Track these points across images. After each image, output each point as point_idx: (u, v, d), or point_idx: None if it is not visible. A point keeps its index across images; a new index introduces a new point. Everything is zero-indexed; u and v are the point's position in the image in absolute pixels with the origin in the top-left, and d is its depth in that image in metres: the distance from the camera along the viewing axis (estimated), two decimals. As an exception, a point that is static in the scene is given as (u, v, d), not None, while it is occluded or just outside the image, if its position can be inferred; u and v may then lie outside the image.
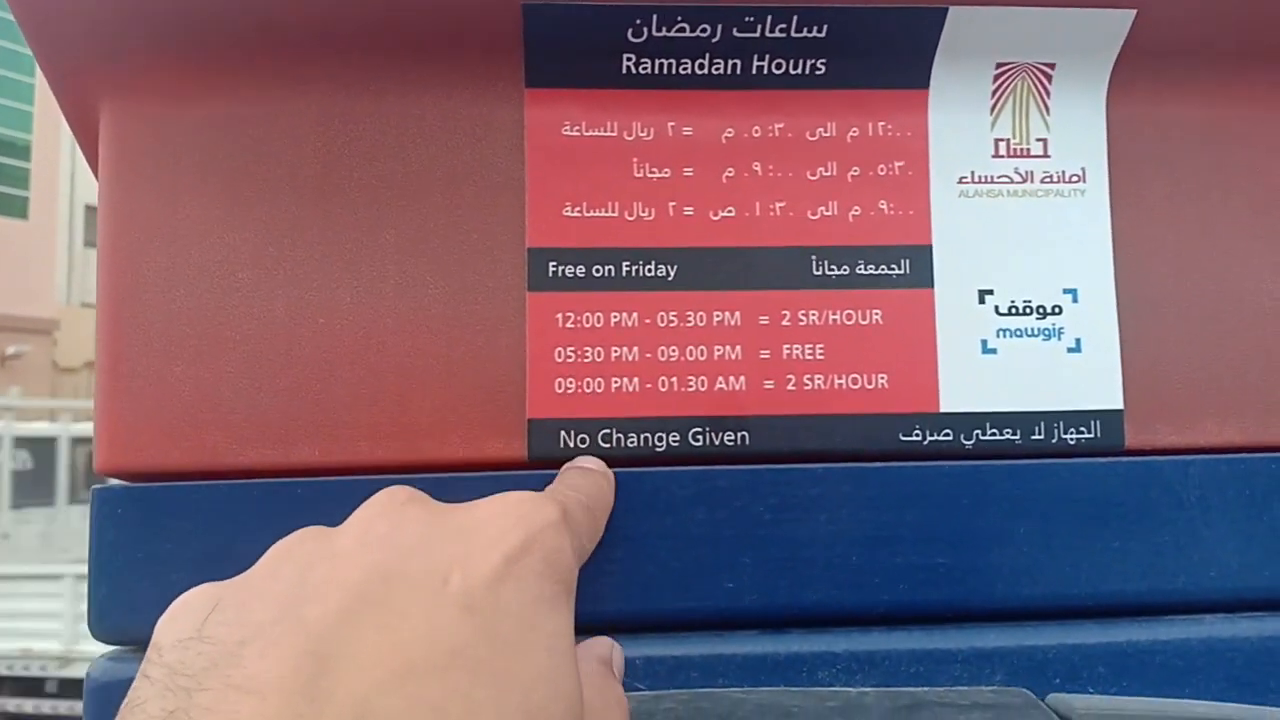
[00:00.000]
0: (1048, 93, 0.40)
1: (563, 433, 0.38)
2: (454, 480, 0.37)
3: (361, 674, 0.22)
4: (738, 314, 0.39)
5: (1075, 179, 0.40)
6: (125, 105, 0.37)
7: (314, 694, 0.22)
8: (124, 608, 0.37)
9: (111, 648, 0.37)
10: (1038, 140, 0.40)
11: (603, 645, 0.32)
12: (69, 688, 4.50)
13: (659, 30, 0.37)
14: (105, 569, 0.36)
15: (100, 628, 0.37)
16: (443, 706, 0.22)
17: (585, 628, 0.36)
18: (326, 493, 0.37)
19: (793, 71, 0.39)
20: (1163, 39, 0.39)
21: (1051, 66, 0.39)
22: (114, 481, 0.38)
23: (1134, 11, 0.38)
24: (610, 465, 0.37)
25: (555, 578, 0.27)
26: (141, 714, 0.22)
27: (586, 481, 0.35)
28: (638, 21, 0.37)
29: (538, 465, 0.38)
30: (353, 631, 0.23)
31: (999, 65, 0.39)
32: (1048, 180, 0.40)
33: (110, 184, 0.37)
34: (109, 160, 0.37)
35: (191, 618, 0.24)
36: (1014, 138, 0.40)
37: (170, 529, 0.36)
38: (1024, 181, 0.40)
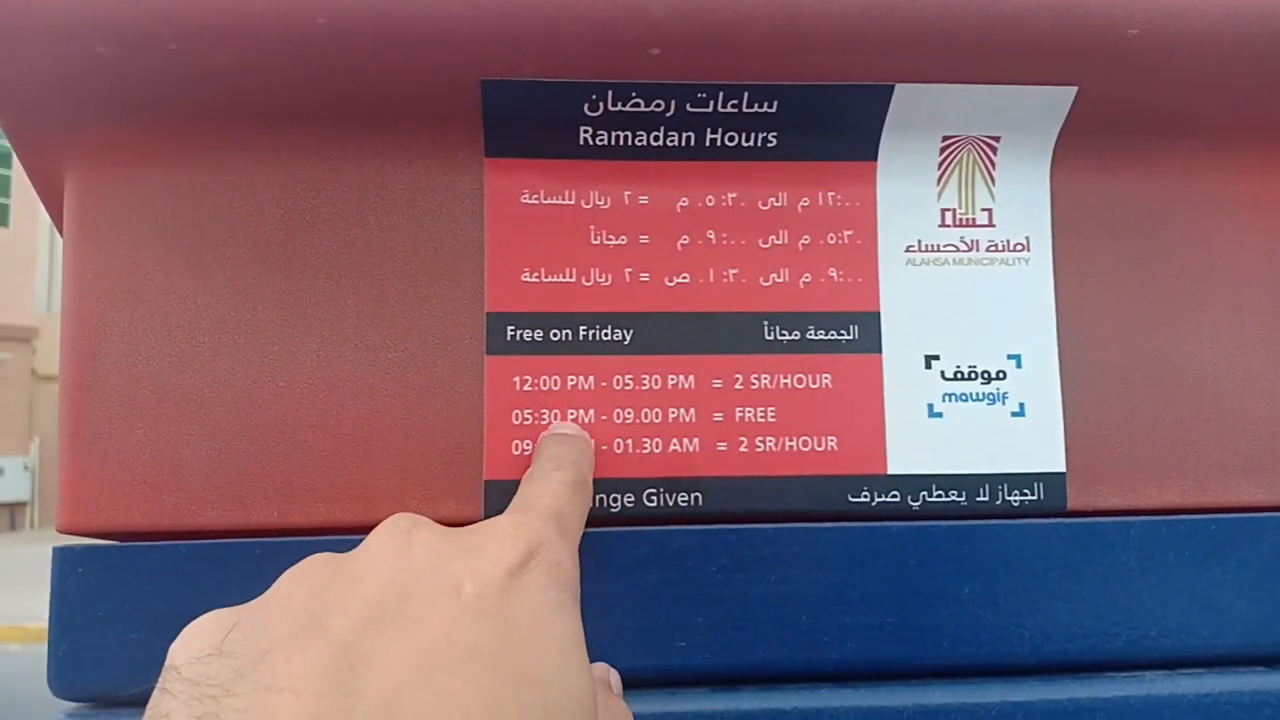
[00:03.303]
0: (993, 164, 0.41)
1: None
2: (411, 541, 0.37)
3: (389, 673, 0.23)
4: (692, 377, 0.40)
5: (1020, 248, 0.41)
6: (89, 172, 0.38)
7: (347, 689, 0.22)
8: (84, 666, 0.37)
9: (71, 704, 0.38)
10: (983, 210, 0.41)
11: (600, 667, 0.34)
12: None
13: (614, 105, 0.38)
14: (65, 627, 0.37)
15: (60, 685, 0.37)
16: (467, 698, 0.23)
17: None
18: (285, 553, 0.37)
19: (745, 144, 0.40)
20: (1103, 114, 0.40)
21: (996, 139, 0.41)
22: (76, 540, 0.38)
23: (1075, 89, 0.39)
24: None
25: (560, 585, 0.28)
26: None
27: (567, 449, 0.36)
28: (594, 97, 0.38)
29: (494, 526, 0.38)
30: (376, 637, 0.24)
31: (945, 138, 0.41)
32: (993, 249, 0.41)
33: (75, 248, 0.38)
34: (73, 225, 0.38)
35: (209, 637, 0.25)
36: (960, 208, 0.41)
37: (130, 588, 0.37)
38: (969, 250, 0.41)
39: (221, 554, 0.37)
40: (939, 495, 0.40)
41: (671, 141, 0.40)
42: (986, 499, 0.40)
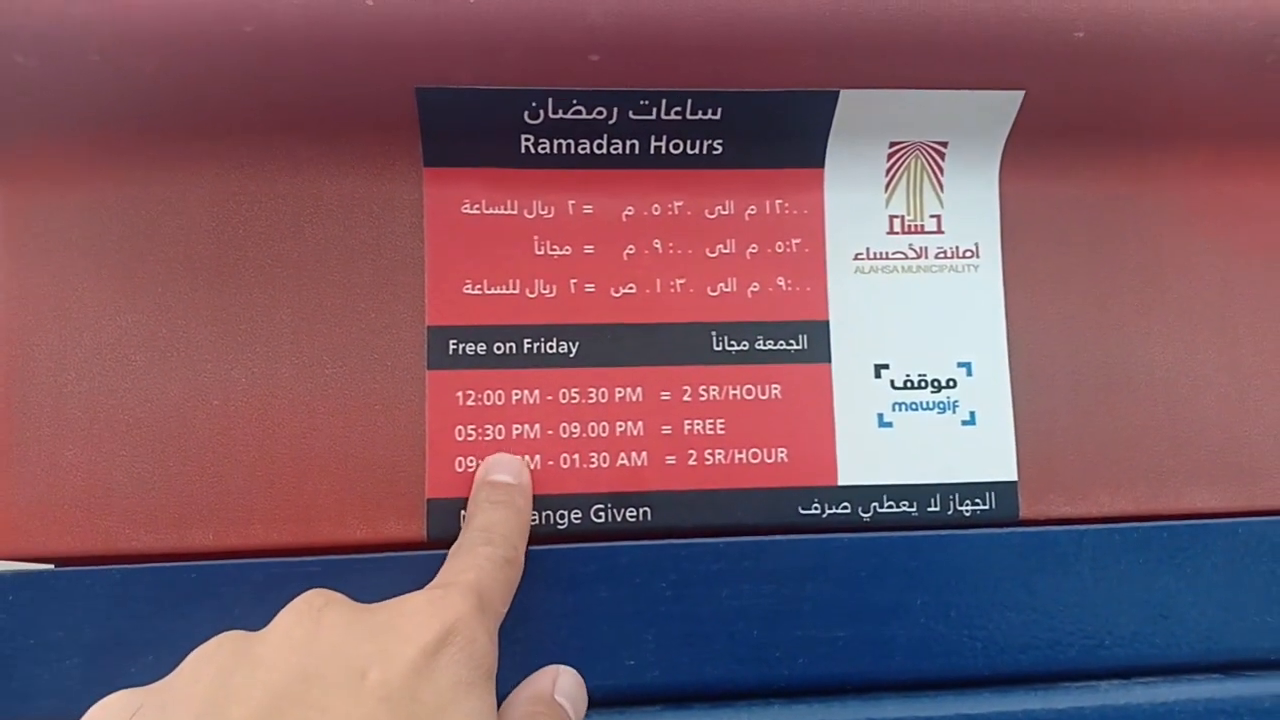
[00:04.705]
0: (941, 170, 0.41)
1: (462, 512, 0.38)
2: (351, 562, 0.37)
3: None
4: (639, 390, 0.39)
5: (969, 254, 0.41)
6: (16, 189, 0.37)
7: None
8: (15, 694, 0.36)
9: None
10: (931, 217, 0.41)
11: (543, 679, 0.33)
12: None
13: (555, 113, 0.37)
14: (-4, 655, 0.36)
15: None
16: None
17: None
18: (221, 576, 0.36)
19: (690, 151, 0.39)
20: (1051, 118, 0.40)
21: (944, 145, 0.40)
22: (6, 566, 0.37)
23: (1022, 93, 0.39)
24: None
25: (473, 664, 0.27)
26: None
27: (499, 519, 0.35)
28: (533, 104, 0.37)
29: (437, 545, 0.37)
30: None
31: (892, 144, 0.40)
32: (941, 256, 0.41)
33: (1, 266, 0.37)
34: (0, 242, 0.37)
35: None
36: (908, 214, 0.41)
37: (64, 614, 0.36)
38: (918, 257, 0.41)
39: (157, 578, 0.36)
40: (890, 506, 0.40)
41: (615, 149, 0.39)
42: (938, 509, 0.40)
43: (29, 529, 0.36)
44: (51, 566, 0.37)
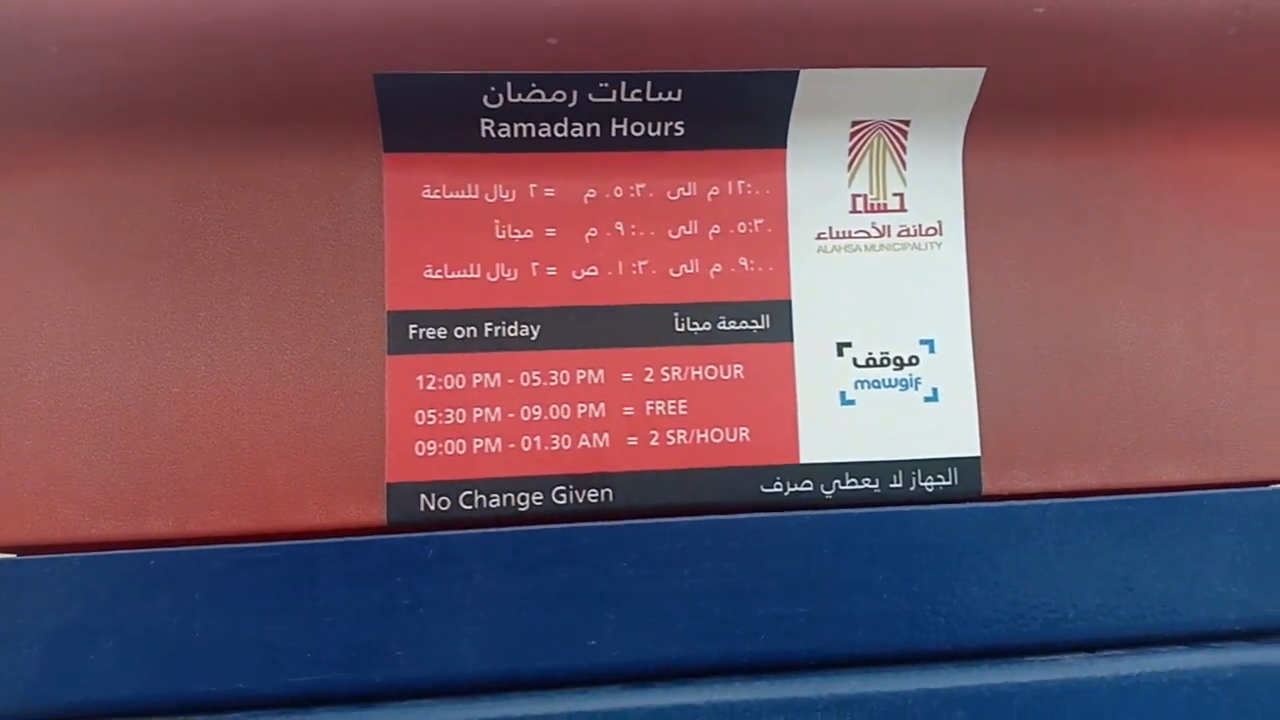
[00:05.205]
0: (903, 148, 0.40)
1: (423, 496, 0.38)
2: (311, 547, 0.37)
3: None
4: (601, 372, 0.39)
5: (932, 232, 0.41)
6: (-31, 179, 0.37)
7: None
8: (-21, 682, 0.36)
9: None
10: (894, 195, 0.41)
11: None
12: None
13: (514, 96, 0.37)
14: (-39, 643, 0.36)
15: None
16: None
17: (450, 690, 0.36)
18: (180, 563, 0.37)
19: (651, 133, 0.39)
20: (1014, 94, 0.40)
21: (906, 123, 0.40)
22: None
23: (983, 70, 0.39)
24: (473, 526, 0.38)
25: None
26: None
27: None
28: (492, 89, 0.37)
29: (397, 529, 0.38)
30: None
31: (854, 123, 0.40)
32: (904, 234, 0.41)
33: (-43, 258, 0.37)
34: (-45, 234, 0.37)
35: None
36: (871, 193, 0.41)
37: (25, 603, 0.36)
38: (881, 236, 0.40)
39: (117, 565, 0.36)
40: (852, 483, 0.40)
41: (576, 132, 0.39)
42: (900, 485, 0.40)
43: (-8, 518, 0.36)
44: (12, 556, 0.37)
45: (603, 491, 0.39)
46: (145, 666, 0.36)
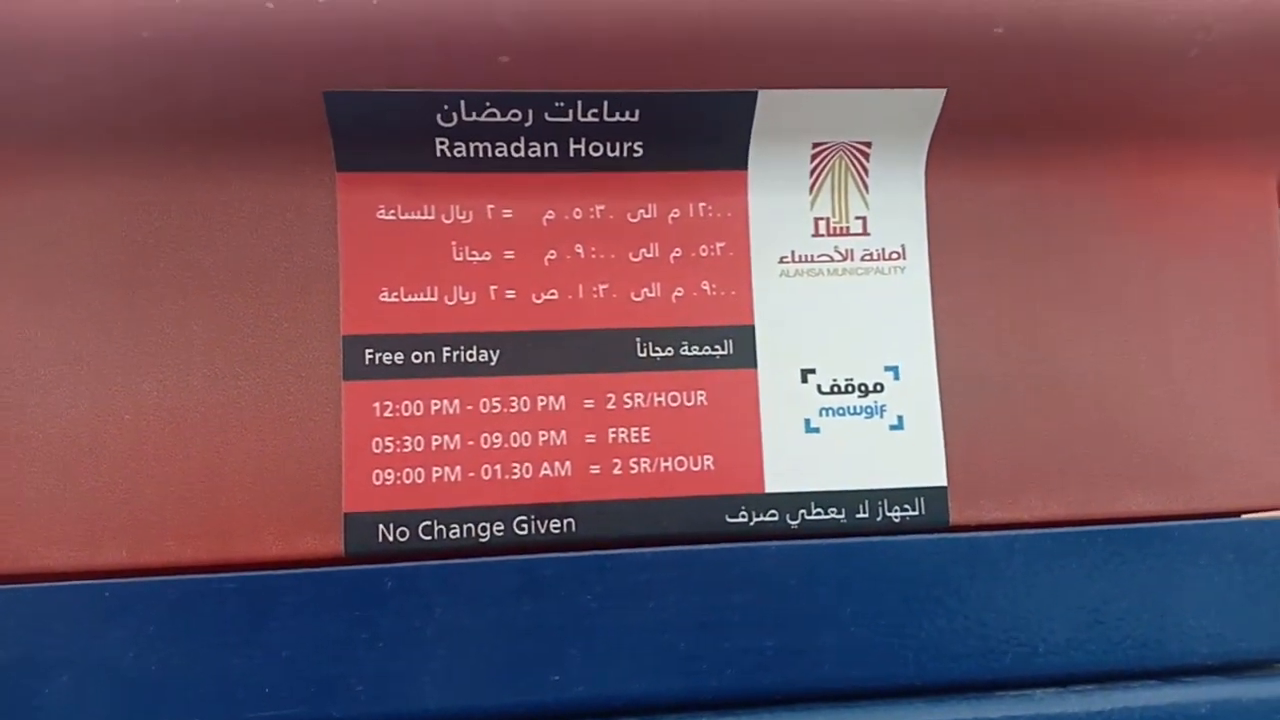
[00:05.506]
0: (866, 171, 0.40)
1: (381, 526, 0.37)
2: (268, 578, 0.36)
3: None
4: (562, 398, 0.38)
5: (895, 256, 0.40)
6: (-87, 201, 0.36)
7: None
8: (-78, 719, 0.35)
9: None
10: (857, 218, 0.40)
11: None
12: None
13: (469, 115, 0.37)
14: (-98, 679, 0.35)
15: None
16: None
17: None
18: (135, 594, 0.35)
19: (610, 154, 0.39)
20: (976, 116, 0.40)
21: (868, 145, 0.40)
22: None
23: (944, 91, 0.39)
24: (432, 557, 0.37)
25: None
26: None
27: None
28: (445, 107, 0.36)
29: (354, 561, 0.37)
30: None
31: (815, 145, 0.40)
32: (868, 258, 0.40)
33: (-101, 281, 0.36)
34: (-105, 257, 0.36)
35: None
36: (834, 216, 0.40)
37: (-32, 636, 0.35)
38: (844, 260, 0.40)
39: (69, 596, 0.35)
40: (818, 513, 0.39)
41: (534, 152, 0.38)
42: (866, 515, 0.39)
43: (-68, 549, 0.35)
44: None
45: (565, 521, 0.38)
46: (100, 700, 0.35)
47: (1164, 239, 0.42)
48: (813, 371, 0.40)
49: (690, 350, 0.39)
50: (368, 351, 0.38)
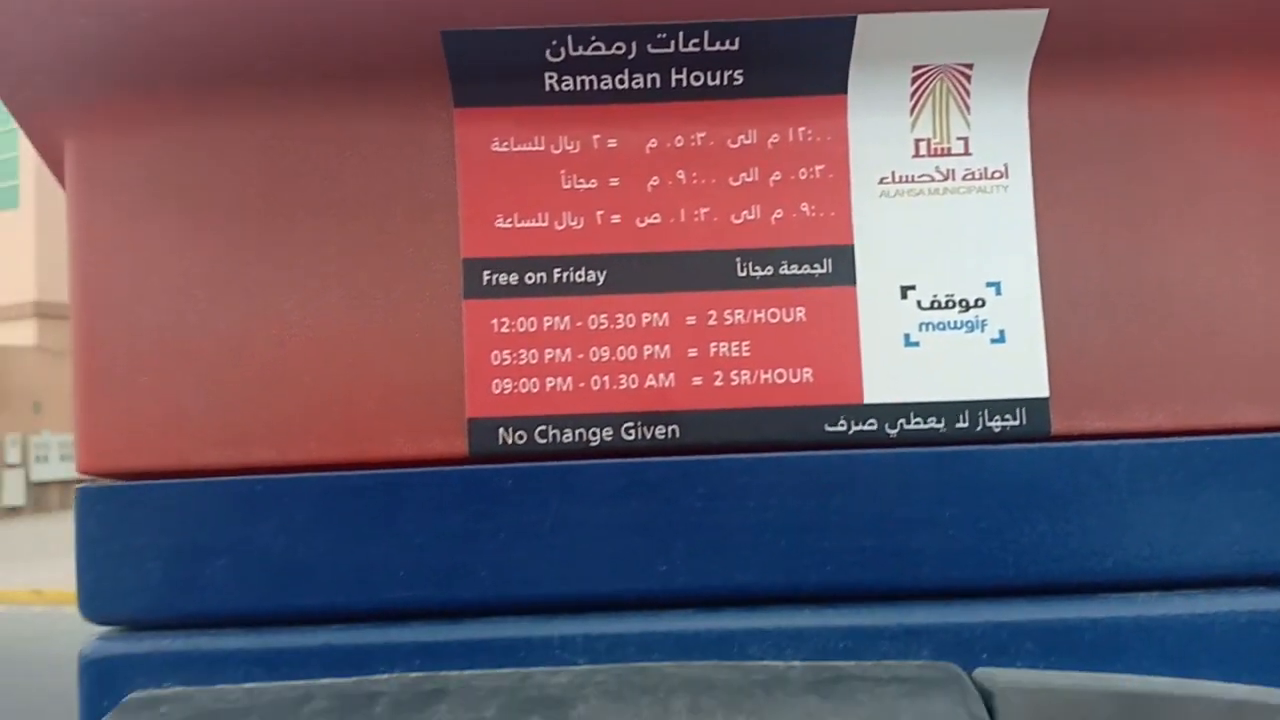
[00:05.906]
0: (967, 92, 0.41)
1: (501, 430, 0.40)
2: (400, 475, 0.40)
3: None
4: (666, 315, 0.41)
5: (998, 175, 0.41)
6: (86, 136, 0.40)
7: None
8: (108, 593, 0.40)
9: (101, 628, 0.41)
10: (959, 139, 0.41)
11: None
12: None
13: (576, 50, 0.39)
14: (90, 559, 0.40)
15: (89, 610, 0.40)
16: None
17: (523, 608, 0.38)
18: (280, 489, 0.40)
19: (711, 83, 0.40)
20: (1078, 36, 0.40)
21: (969, 67, 0.40)
22: (94, 481, 0.41)
23: (1045, 11, 0.39)
24: (547, 459, 0.40)
25: None
26: None
27: None
28: (554, 43, 0.39)
29: (477, 460, 0.40)
30: None
31: (916, 68, 0.40)
32: (969, 177, 0.41)
33: (76, 211, 0.41)
34: (74, 187, 0.41)
35: None
36: (935, 137, 0.41)
37: (144, 523, 0.40)
38: (945, 179, 0.41)
39: (223, 491, 0.40)
40: (917, 423, 0.40)
41: (637, 84, 0.40)
42: (966, 425, 0.40)
43: (111, 449, 0.40)
44: (131, 481, 0.41)
45: (669, 428, 0.40)
46: (254, 581, 0.39)
47: (1271, 153, 0.42)
48: (912, 288, 0.41)
49: (789, 269, 0.41)
50: (485, 273, 0.41)
